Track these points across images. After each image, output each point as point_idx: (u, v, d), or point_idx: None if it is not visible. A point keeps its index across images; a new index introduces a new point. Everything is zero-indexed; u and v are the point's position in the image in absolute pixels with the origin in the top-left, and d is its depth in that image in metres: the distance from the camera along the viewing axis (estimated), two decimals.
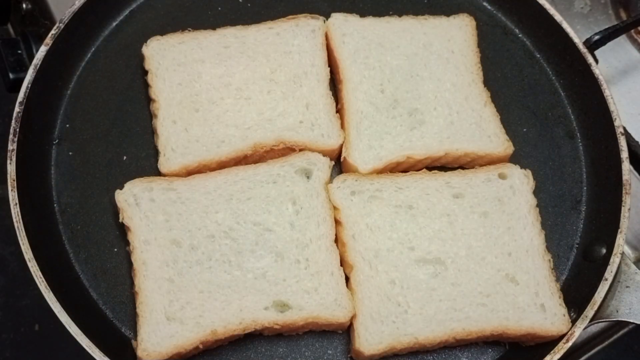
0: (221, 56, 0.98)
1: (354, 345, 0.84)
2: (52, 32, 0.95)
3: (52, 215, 0.92)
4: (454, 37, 1.04)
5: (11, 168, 0.87)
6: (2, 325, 1.07)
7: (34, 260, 0.82)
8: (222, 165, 0.93)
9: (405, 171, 0.95)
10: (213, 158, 0.92)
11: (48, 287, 0.81)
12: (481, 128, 0.97)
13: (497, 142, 0.97)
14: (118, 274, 0.89)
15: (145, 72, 0.98)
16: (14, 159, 0.88)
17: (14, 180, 0.86)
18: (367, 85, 0.98)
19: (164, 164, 0.91)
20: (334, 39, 1.01)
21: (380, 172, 0.94)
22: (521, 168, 0.95)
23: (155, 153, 0.93)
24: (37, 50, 0.95)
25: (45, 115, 0.96)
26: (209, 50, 0.98)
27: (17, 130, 0.89)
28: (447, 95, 0.99)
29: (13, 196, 0.85)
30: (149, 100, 0.98)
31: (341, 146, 0.95)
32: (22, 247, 0.83)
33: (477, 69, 1.02)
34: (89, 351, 0.78)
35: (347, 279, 0.88)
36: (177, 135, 0.93)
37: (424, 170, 0.94)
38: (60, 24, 0.96)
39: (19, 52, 0.98)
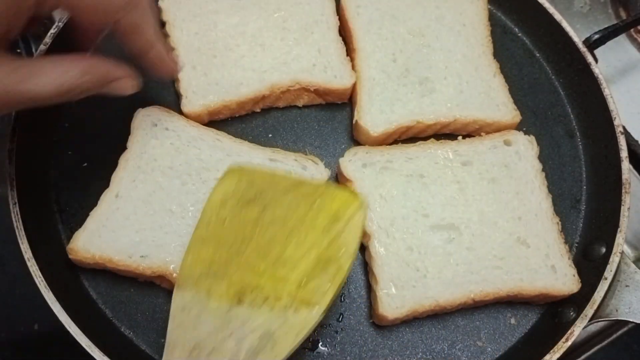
0: (235, 7, 1.03)
1: (376, 311, 0.86)
2: (51, 31, 0.95)
3: (51, 214, 0.92)
4: (466, 11, 1.06)
5: (10, 167, 0.87)
6: (1, 325, 1.07)
7: (33, 260, 0.82)
8: (241, 106, 0.98)
9: (414, 137, 0.99)
10: (232, 99, 0.96)
11: (47, 286, 0.81)
12: (490, 97, 1.00)
13: (505, 110, 0.99)
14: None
15: (163, 24, 1.01)
16: (13, 158, 0.87)
17: (13, 180, 0.86)
18: (379, 55, 1.02)
19: (186, 105, 0.96)
20: (348, 10, 1.04)
21: (391, 135, 0.97)
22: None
23: None
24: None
25: (44, 114, 0.95)
26: (222, 2, 1.04)
27: (17, 129, 0.89)
28: (457, 66, 1.02)
29: (12, 195, 0.85)
30: None
31: (353, 86, 0.99)
32: (22, 247, 0.83)
33: (487, 42, 1.05)
34: (89, 351, 0.78)
35: (364, 248, 0.90)
36: (197, 79, 0.97)
37: (432, 140, 0.97)
38: (59, 23, 0.96)
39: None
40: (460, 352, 0.88)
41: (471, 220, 0.91)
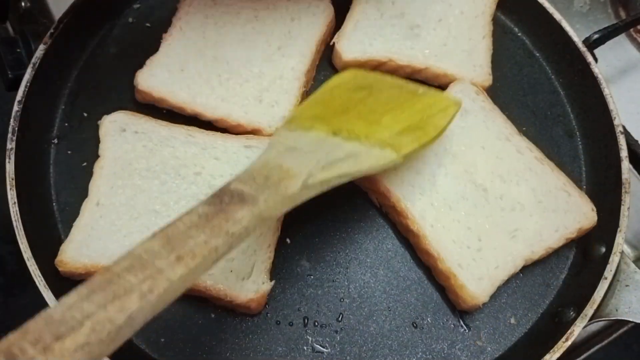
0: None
1: (466, 299, 0.87)
2: (51, 30, 0.95)
3: (50, 214, 0.92)
4: None
5: (10, 167, 0.86)
6: (1, 325, 1.07)
7: (33, 259, 0.82)
8: None
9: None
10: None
11: (47, 286, 0.80)
12: (471, 57, 1.01)
13: (480, 72, 1.01)
14: None
15: None
16: (12, 157, 0.87)
17: (12, 179, 0.86)
18: None
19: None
20: None
21: (362, 65, 0.99)
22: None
23: None
24: (35, 49, 0.94)
25: (44, 114, 0.96)
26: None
27: (16, 129, 0.89)
28: (451, 21, 1.04)
29: (12, 195, 0.85)
30: None
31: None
32: (21, 246, 0.83)
33: (491, 4, 1.06)
34: None
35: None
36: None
37: None
38: (60, 24, 0.96)
39: (18, 50, 0.98)
40: (460, 351, 0.88)
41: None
